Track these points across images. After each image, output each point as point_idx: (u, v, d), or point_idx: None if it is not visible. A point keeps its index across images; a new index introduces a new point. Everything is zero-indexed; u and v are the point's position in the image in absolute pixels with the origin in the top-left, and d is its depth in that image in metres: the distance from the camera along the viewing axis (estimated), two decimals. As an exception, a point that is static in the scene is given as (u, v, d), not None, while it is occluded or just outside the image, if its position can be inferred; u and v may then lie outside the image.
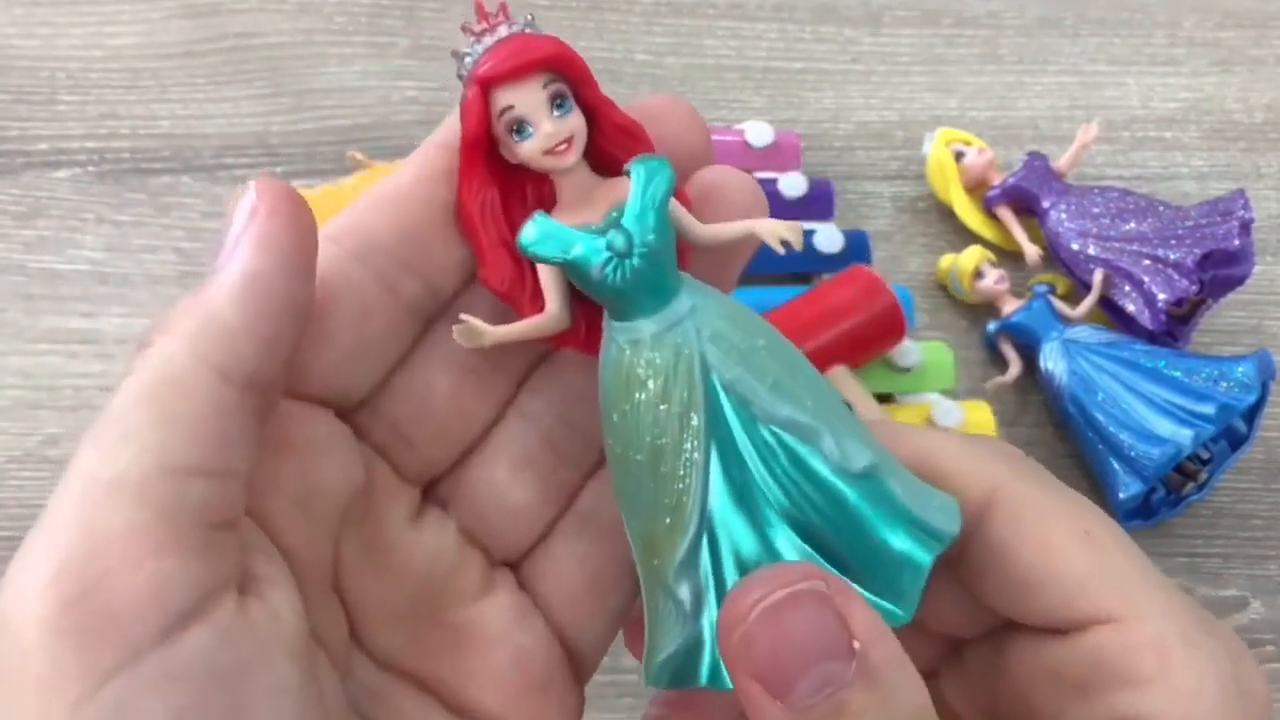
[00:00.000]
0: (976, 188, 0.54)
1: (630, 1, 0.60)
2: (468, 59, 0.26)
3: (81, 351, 0.49)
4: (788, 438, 0.21)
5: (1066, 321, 0.49)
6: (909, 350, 0.47)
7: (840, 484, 0.21)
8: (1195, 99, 0.58)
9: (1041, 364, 0.48)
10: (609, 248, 0.22)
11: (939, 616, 0.25)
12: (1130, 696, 0.21)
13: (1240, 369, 0.45)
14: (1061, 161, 0.52)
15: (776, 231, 0.23)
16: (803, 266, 0.51)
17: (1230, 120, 0.58)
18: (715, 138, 0.54)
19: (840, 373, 0.45)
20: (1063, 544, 0.22)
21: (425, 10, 0.59)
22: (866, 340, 0.46)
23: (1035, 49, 0.60)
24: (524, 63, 0.23)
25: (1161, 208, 0.50)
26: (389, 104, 0.56)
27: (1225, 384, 0.45)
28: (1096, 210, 0.50)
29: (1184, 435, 0.44)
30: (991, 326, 0.50)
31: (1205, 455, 0.46)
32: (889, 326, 0.46)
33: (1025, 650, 0.23)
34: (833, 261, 0.50)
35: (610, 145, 0.23)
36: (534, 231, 0.23)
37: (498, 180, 0.24)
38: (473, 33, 0.26)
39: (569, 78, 0.23)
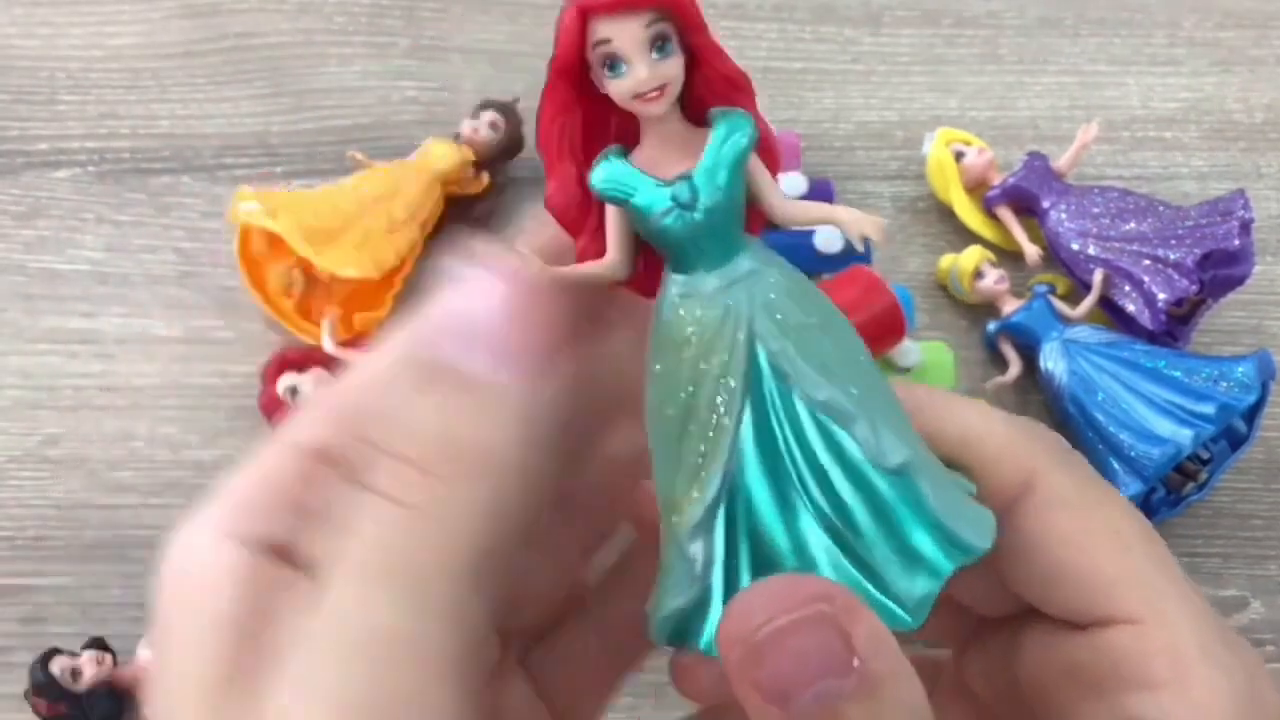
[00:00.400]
0: (976, 188, 0.54)
1: (630, 1, 0.60)
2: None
3: (81, 351, 0.49)
4: (824, 419, 0.21)
5: (1066, 321, 0.49)
6: (909, 350, 0.47)
7: (872, 475, 0.21)
8: (1195, 99, 0.58)
9: (1041, 364, 0.48)
10: (673, 199, 0.21)
11: (966, 591, 0.25)
12: (1142, 699, 0.21)
13: (1240, 369, 0.45)
14: (1061, 161, 0.52)
15: (860, 223, 0.22)
16: (803, 266, 0.51)
17: (1230, 120, 0.58)
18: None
19: None
20: (1092, 541, 0.22)
21: (425, 10, 0.59)
22: (866, 340, 0.45)
23: (1035, 49, 0.60)
24: None
25: (1161, 208, 0.50)
26: (389, 104, 0.56)
27: (1225, 384, 0.45)
28: (1096, 210, 0.50)
29: (1184, 435, 0.44)
30: (991, 326, 0.50)
31: (1205, 455, 0.47)
32: (889, 327, 0.46)
33: (1045, 639, 0.23)
34: (833, 261, 0.50)
35: (710, 94, 0.23)
36: (604, 171, 0.22)
37: (583, 106, 0.22)
38: None
39: (677, 19, 0.21)
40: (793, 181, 0.51)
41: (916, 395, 0.23)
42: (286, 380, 0.45)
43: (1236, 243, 0.47)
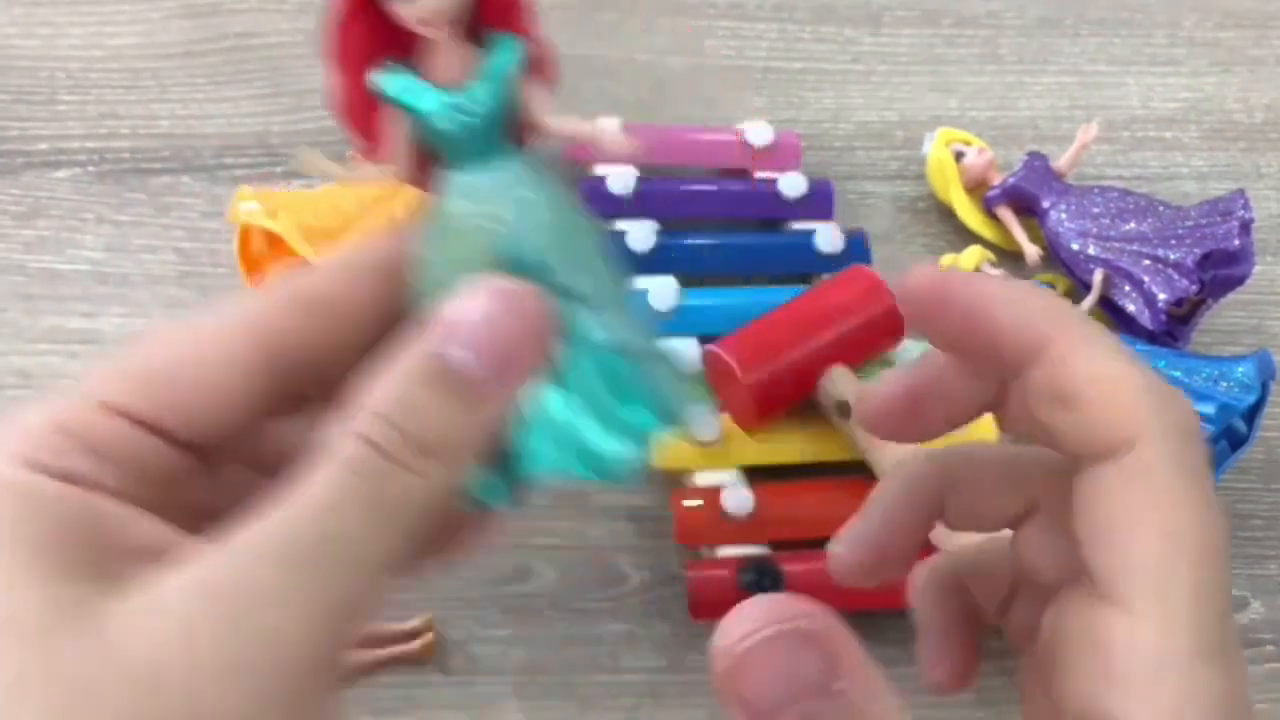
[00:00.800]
0: (976, 188, 0.54)
1: (631, 2, 0.60)
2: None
3: (81, 351, 0.49)
4: (566, 301, 0.23)
5: (1066, 321, 0.49)
6: (909, 349, 0.47)
7: (598, 351, 0.23)
8: (1195, 99, 0.58)
9: (1041, 364, 0.48)
10: (453, 106, 0.25)
11: (1032, 546, 0.25)
12: (1113, 693, 0.21)
13: (1240, 369, 0.45)
14: (1061, 161, 0.52)
15: (615, 136, 0.27)
16: (803, 267, 0.51)
17: (1230, 120, 0.58)
18: (715, 138, 0.54)
19: (839, 372, 0.45)
20: (1144, 528, 0.21)
21: (425, 10, 0.59)
22: (867, 341, 0.46)
23: (1035, 49, 0.60)
24: None
25: (1161, 208, 0.50)
26: (389, 104, 0.56)
27: (1225, 384, 0.45)
28: (1096, 210, 0.50)
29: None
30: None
31: (1205, 455, 0.47)
32: (889, 327, 0.46)
33: (1067, 603, 0.23)
34: (832, 261, 0.50)
35: (491, 17, 0.26)
36: (391, 79, 0.26)
37: (370, 18, 0.26)
38: None
39: None
40: (793, 181, 0.52)
41: (1070, 333, 0.22)
42: (287, 380, 0.45)
43: (1236, 243, 0.47)
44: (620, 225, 0.50)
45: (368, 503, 0.20)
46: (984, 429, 0.46)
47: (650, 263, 0.49)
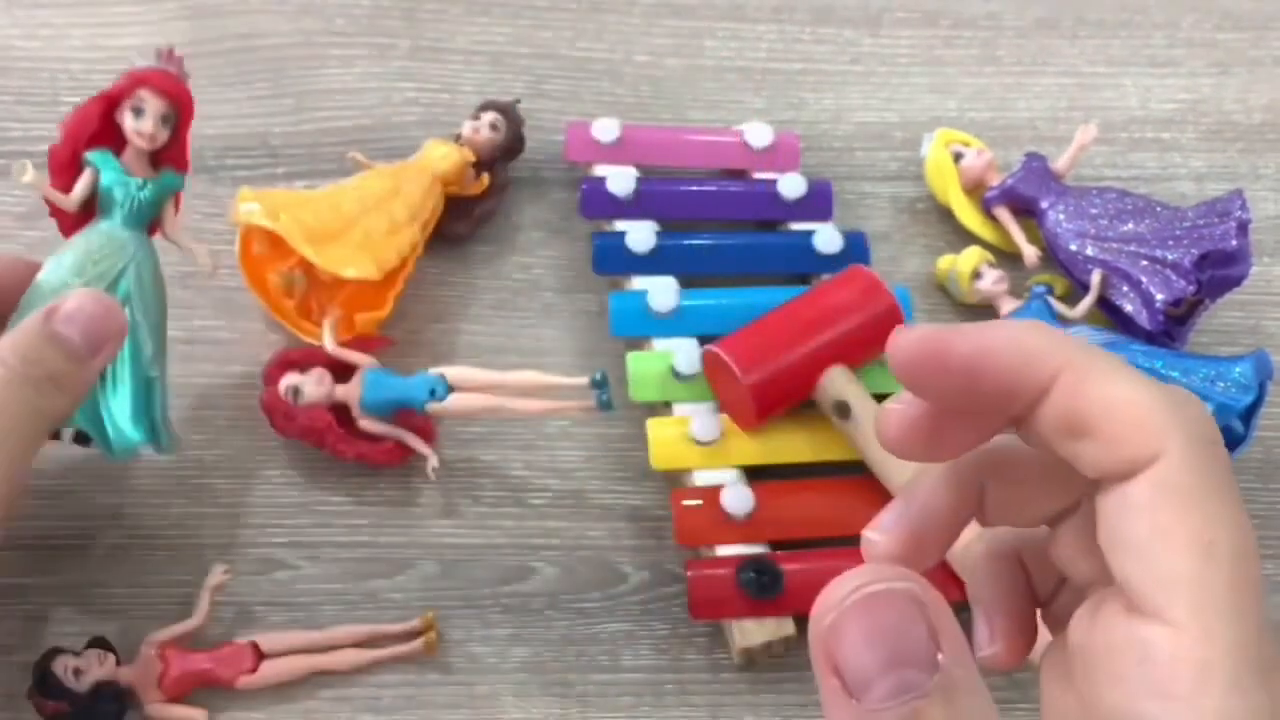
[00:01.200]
0: (975, 189, 0.54)
1: (630, 3, 0.60)
2: (140, 63, 0.44)
3: (84, 352, 0.49)
4: (138, 322, 0.41)
5: (1065, 322, 0.49)
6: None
7: (139, 361, 0.41)
8: (1193, 100, 0.59)
9: (1040, 364, 0.48)
10: (130, 185, 0.42)
11: (1064, 549, 0.24)
12: (1156, 706, 0.21)
13: (1238, 369, 0.45)
14: (1060, 162, 0.52)
15: (204, 258, 0.45)
16: (802, 267, 0.51)
17: (1228, 121, 0.58)
18: (715, 138, 0.54)
19: (838, 372, 0.45)
20: (1178, 540, 0.21)
21: (425, 12, 0.59)
22: (865, 341, 0.46)
23: (1034, 50, 0.60)
24: (168, 88, 0.42)
25: (1159, 208, 0.50)
26: (390, 105, 0.56)
27: (1223, 384, 0.45)
28: (1095, 211, 0.50)
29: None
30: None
31: (1203, 455, 0.47)
32: (887, 327, 0.46)
33: (1101, 610, 0.23)
34: (832, 262, 0.50)
35: (170, 158, 0.44)
36: (100, 155, 0.42)
37: (103, 118, 0.42)
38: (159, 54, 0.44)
39: (182, 114, 0.43)
40: (792, 182, 0.52)
41: (1075, 363, 0.22)
42: (288, 380, 0.45)
43: (1234, 243, 0.47)
44: (620, 225, 0.51)
45: (27, 405, 0.37)
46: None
47: (650, 263, 0.50)
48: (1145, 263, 0.49)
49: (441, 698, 0.43)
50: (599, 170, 0.52)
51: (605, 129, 0.53)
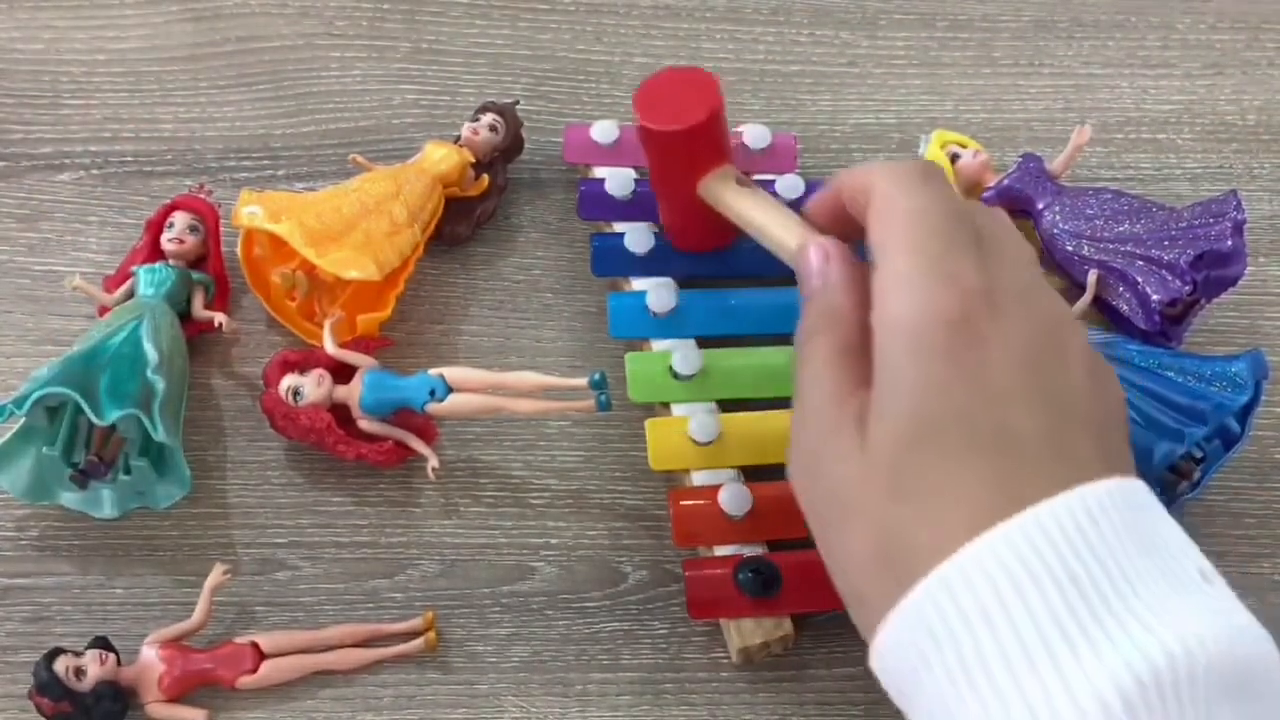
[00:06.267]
0: (972, 189, 0.54)
1: (629, 5, 0.60)
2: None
3: (85, 353, 0.49)
4: (153, 379, 0.44)
5: (1061, 322, 0.49)
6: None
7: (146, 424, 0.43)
8: (1188, 101, 0.59)
9: (1036, 364, 0.48)
10: (156, 271, 0.48)
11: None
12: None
13: (1233, 368, 0.46)
14: (1056, 163, 0.53)
15: (227, 324, 0.48)
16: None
17: (1223, 122, 0.58)
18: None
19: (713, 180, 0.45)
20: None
21: (425, 14, 0.59)
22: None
23: (1030, 52, 0.60)
24: (191, 205, 0.50)
25: (1155, 209, 0.50)
26: (390, 107, 0.56)
27: (1218, 384, 0.45)
28: (1091, 212, 0.51)
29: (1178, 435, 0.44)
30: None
31: (1199, 454, 0.47)
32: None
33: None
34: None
35: (212, 266, 0.50)
36: (142, 268, 0.49)
37: (155, 240, 0.50)
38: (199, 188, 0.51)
39: (206, 222, 0.50)
40: (790, 183, 0.52)
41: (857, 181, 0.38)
42: (288, 381, 0.46)
43: (1229, 243, 0.47)
44: (619, 227, 0.51)
45: None
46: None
47: (649, 264, 0.50)
48: (1141, 263, 0.49)
49: (441, 697, 0.43)
50: (598, 172, 0.53)
51: (604, 131, 0.53)
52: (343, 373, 0.46)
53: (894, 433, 0.33)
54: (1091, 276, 0.49)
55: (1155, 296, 0.48)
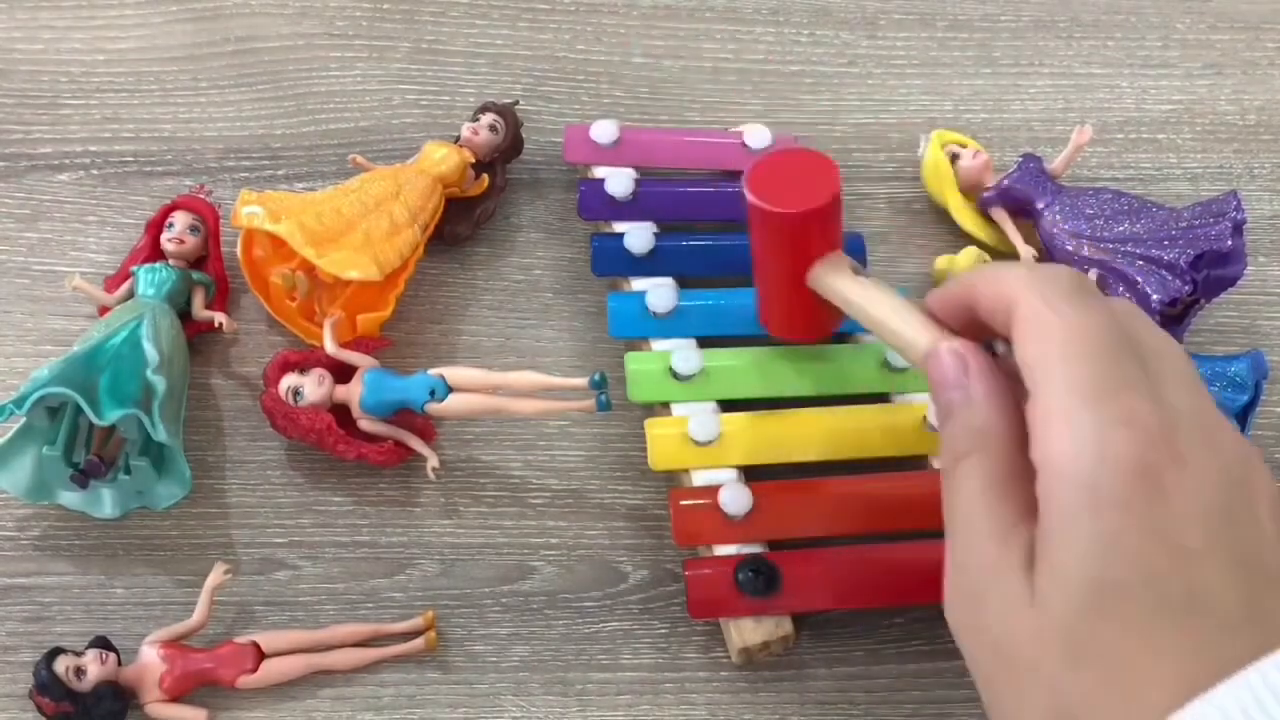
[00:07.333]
0: (972, 190, 0.54)
1: (628, 5, 0.60)
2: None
3: (85, 353, 0.49)
4: (153, 379, 0.44)
5: (1061, 322, 0.49)
6: (905, 350, 0.47)
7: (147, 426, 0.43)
8: (1188, 101, 0.59)
9: (1036, 364, 0.48)
10: (155, 270, 0.49)
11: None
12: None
13: (1233, 368, 0.46)
14: (1056, 163, 0.53)
15: (226, 323, 0.48)
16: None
17: (1223, 122, 0.59)
18: (713, 140, 0.54)
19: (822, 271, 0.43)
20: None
21: (425, 14, 0.59)
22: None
23: (1030, 52, 0.60)
24: (191, 205, 0.50)
25: (1155, 209, 0.50)
26: (390, 107, 0.56)
27: (1219, 384, 0.46)
28: (1090, 211, 0.51)
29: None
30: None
31: (1198, 454, 0.47)
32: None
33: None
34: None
35: (210, 266, 0.50)
36: (141, 267, 0.49)
37: (155, 244, 0.50)
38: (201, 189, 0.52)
39: (206, 221, 0.50)
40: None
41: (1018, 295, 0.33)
42: (288, 381, 0.46)
43: (1229, 243, 0.48)
44: (619, 227, 0.51)
45: None
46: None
47: (649, 264, 0.50)
48: (1141, 263, 0.49)
49: (441, 696, 0.43)
50: (598, 172, 0.53)
51: (604, 131, 0.53)
52: (343, 373, 0.46)
53: (1072, 596, 0.29)
54: (1091, 276, 0.49)
55: (1155, 296, 0.48)
